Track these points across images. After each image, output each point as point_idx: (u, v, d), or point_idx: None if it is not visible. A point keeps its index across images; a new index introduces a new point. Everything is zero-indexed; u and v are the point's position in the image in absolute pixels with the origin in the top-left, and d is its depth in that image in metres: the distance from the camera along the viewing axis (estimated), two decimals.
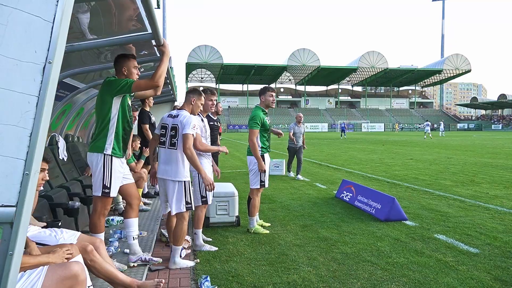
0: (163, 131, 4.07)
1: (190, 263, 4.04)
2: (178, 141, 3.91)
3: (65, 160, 5.59)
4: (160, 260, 4.06)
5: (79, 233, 3.05)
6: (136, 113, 6.61)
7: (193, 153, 3.84)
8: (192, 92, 4.15)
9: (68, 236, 2.93)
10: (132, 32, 3.49)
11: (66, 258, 2.48)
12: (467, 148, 21.14)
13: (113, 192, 3.55)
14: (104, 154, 3.47)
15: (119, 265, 3.68)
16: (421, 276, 3.70)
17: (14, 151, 1.28)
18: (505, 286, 3.48)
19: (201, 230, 4.64)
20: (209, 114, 5.08)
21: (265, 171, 5.15)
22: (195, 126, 3.94)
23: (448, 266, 3.93)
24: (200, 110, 4.30)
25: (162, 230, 5.00)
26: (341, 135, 39.18)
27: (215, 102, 4.84)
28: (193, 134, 3.88)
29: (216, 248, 4.53)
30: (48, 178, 2.80)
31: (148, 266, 3.90)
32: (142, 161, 6.31)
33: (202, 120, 4.58)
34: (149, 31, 3.25)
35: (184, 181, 3.94)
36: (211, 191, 4.22)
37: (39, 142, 1.30)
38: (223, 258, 4.24)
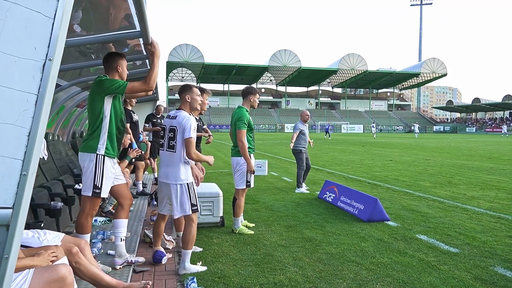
0: (161, 133, 4.01)
1: (200, 268, 3.88)
2: (177, 144, 3.82)
3: (46, 159, 5.45)
4: (144, 259, 4.01)
5: (63, 234, 2.97)
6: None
7: (198, 156, 3.81)
8: (184, 90, 3.99)
9: (52, 237, 2.85)
10: (120, 30, 3.41)
11: (51, 261, 2.41)
12: (443, 150, 21.67)
13: (104, 193, 3.47)
14: (97, 154, 3.39)
15: (103, 267, 3.60)
16: (405, 275, 3.77)
17: (11, 151, 1.22)
18: (484, 284, 3.58)
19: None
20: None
21: (254, 172, 5.16)
22: (195, 129, 3.86)
23: (431, 266, 4.02)
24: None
25: (145, 231, 4.94)
26: (329, 135, 40.26)
27: (208, 102, 4.78)
28: (193, 137, 3.80)
29: (201, 249, 4.50)
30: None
31: (132, 267, 3.83)
32: (126, 161, 6.20)
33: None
34: (138, 29, 3.19)
35: (187, 183, 3.86)
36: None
37: (38, 141, 1.25)
38: (208, 259, 4.22)
